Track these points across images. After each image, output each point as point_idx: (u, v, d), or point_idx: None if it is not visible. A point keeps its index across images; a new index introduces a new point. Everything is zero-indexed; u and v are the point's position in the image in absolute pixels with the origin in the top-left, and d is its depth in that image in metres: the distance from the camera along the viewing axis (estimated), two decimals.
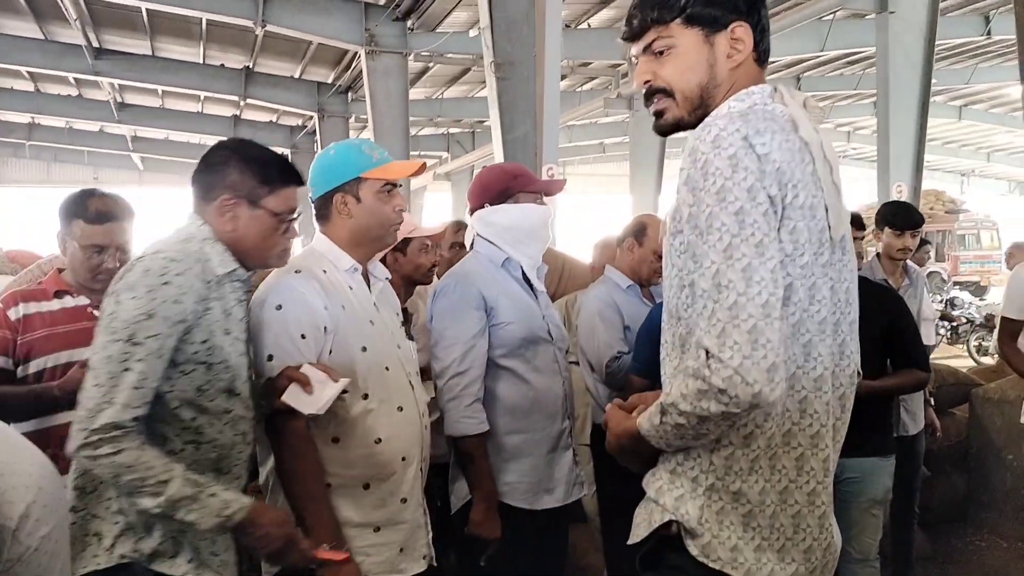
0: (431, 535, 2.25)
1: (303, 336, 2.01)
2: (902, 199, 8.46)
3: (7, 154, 24.93)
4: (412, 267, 2.89)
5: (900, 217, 3.98)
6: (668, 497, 1.49)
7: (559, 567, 2.73)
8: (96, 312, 2.41)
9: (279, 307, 2.03)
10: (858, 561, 3.22)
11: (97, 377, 1.70)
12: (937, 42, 9.27)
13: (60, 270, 2.49)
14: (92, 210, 2.39)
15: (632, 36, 1.55)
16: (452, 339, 2.47)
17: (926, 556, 4.38)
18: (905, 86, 9.18)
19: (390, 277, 2.36)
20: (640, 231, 3.26)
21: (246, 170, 1.89)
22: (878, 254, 4.11)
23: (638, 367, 2.87)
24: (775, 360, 1.31)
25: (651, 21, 1.51)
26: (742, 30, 1.49)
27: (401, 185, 2.30)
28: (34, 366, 2.36)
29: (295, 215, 1.97)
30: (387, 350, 2.16)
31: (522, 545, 2.48)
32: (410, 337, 2.39)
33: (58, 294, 2.42)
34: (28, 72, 15.86)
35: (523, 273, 2.61)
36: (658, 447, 1.49)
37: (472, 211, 2.66)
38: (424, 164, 2.34)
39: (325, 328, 2.04)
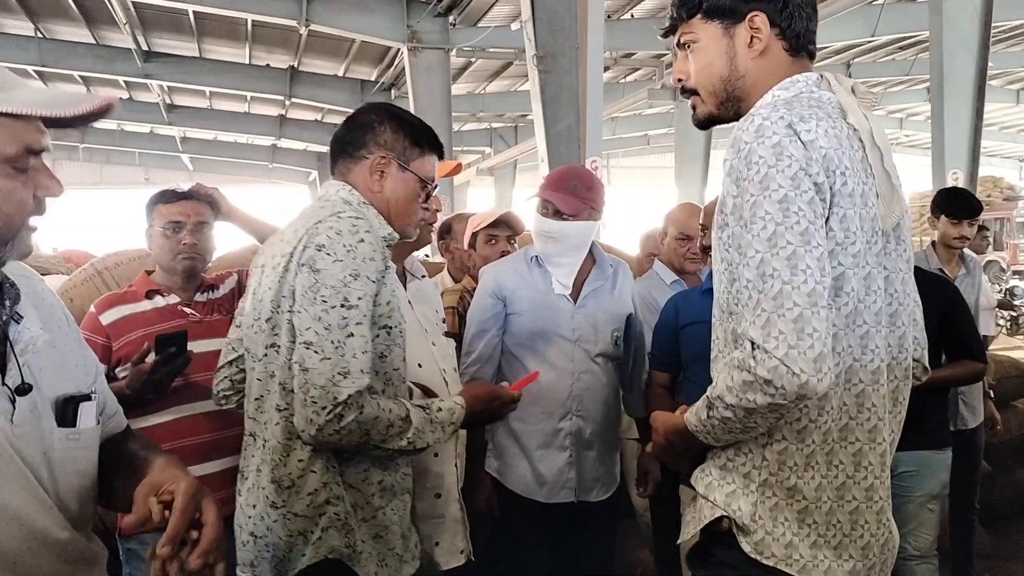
0: (468, 530, 2.25)
1: None
2: (958, 186, 8.24)
3: (62, 157, 25.58)
4: (483, 260, 3.01)
5: (957, 205, 3.86)
6: (719, 493, 1.46)
7: (594, 564, 2.69)
8: (187, 309, 2.42)
9: None
10: (916, 558, 3.14)
11: (322, 349, 1.60)
12: (993, 24, 9.00)
13: (149, 272, 2.51)
14: (170, 193, 2.51)
15: (666, 33, 1.59)
16: (468, 323, 2.65)
17: (987, 553, 4.26)
18: (960, 70, 8.94)
19: (426, 275, 2.38)
20: (665, 221, 3.31)
21: (399, 129, 1.85)
22: (933, 242, 3.99)
23: (655, 362, 2.83)
24: (822, 349, 1.27)
25: (677, 17, 1.54)
26: (759, 19, 1.48)
27: (438, 184, 2.30)
28: None
29: (435, 185, 1.96)
30: (420, 346, 2.17)
31: (521, 530, 2.54)
32: (449, 334, 2.43)
33: (149, 295, 2.42)
34: (80, 76, 16.24)
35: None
36: (706, 442, 1.47)
37: None
38: (460, 164, 2.34)
39: None
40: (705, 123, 1.57)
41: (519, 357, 2.59)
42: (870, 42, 14.30)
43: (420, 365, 2.16)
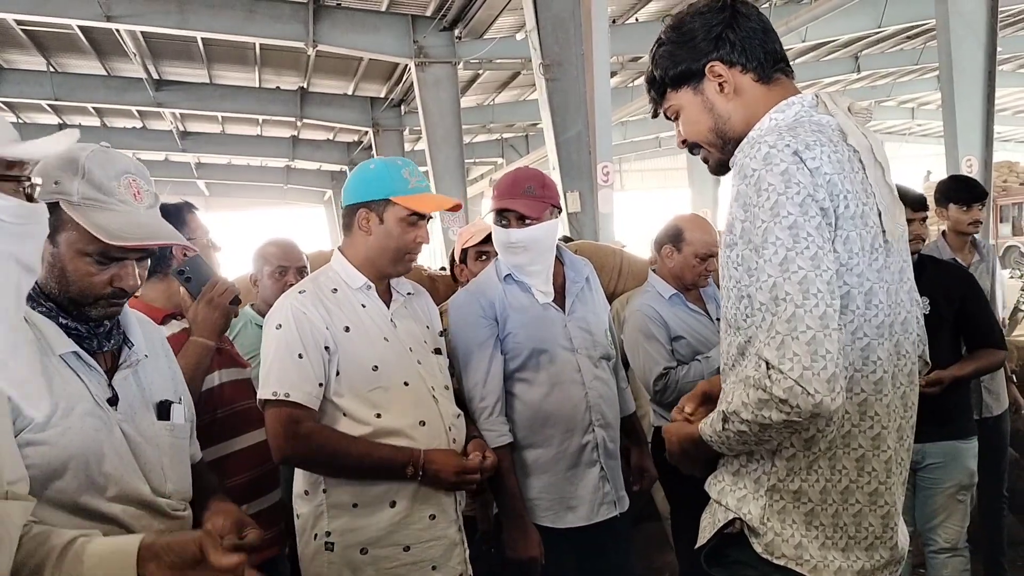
0: (467, 552, 2.21)
1: (300, 356, 2.02)
2: (973, 173, 8.19)
3: None
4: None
5: (964, 191, 3.84)
6: (731, 498, 1.53)
7: None
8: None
9: (278, 327, 2.06)
10: (946, 550, 3.12)
11: None
12: (1000, 9, 8.96)
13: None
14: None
15: (654, 114, 1.78)
16: (466, 352, 2.43)
17: (1019, 541, 4.22)
18: (969, 56, 8.91)
19: (412, 292, 2.31)
20: (677, 236, 3.09)
21: None
22: (943, 232, 3.98)
23: None
24: (835, 370, 1.33)
25: (654, 98, 1.71)
26: (718, 67, 1.56)
27: (432, 217, 2.23)
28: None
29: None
30: (405, 365, 2.13)
31: (552, 565, 2.39)
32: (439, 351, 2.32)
33: (165, 320, 2.20)
34: (94, 108, 16.49)
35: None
36: (719, 451, 1.53)
37: None
38: (459, 204, 2.29)
39: (327, 348, 2.05)
40: (719, 170, 1.65)
41: (524, 379, 2.45)
42: (877, 33, 14.25)
43: (406, 383, 2.11)
